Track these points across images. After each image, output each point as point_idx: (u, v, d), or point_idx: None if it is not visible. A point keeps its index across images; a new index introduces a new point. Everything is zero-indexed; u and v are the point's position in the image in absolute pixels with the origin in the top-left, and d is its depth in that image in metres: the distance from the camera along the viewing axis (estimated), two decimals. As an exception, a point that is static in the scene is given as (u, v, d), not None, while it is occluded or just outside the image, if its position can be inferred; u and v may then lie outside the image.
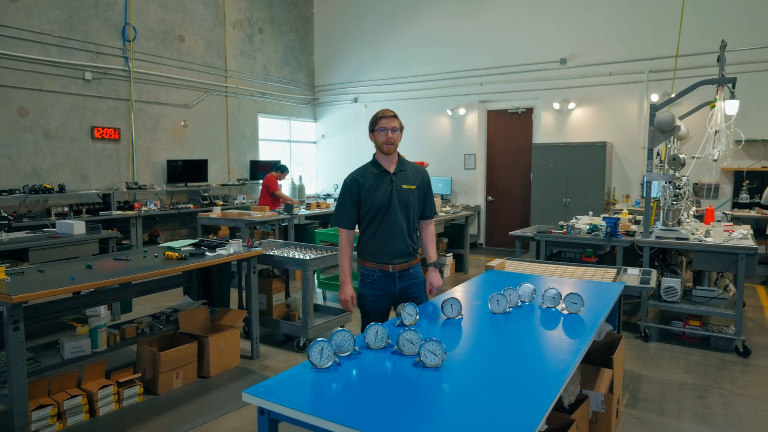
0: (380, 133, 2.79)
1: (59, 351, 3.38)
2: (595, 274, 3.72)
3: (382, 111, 2.82)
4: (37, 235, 4.91)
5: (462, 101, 9.77)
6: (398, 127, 2.82)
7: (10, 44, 6.75)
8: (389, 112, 2.82)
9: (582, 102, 8.67)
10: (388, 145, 2.79)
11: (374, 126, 2.82)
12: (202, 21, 9.12)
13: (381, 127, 2.78)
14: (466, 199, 9.87)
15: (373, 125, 2.83)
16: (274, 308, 4.64)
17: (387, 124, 2.78)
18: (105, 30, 7.74)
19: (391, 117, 2.80)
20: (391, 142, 2.79)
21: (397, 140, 2.82)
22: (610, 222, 4.77)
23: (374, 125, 2.82)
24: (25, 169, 6.99)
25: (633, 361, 4.25)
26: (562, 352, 2.10)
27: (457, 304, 2.55)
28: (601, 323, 2.54)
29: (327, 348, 1.93)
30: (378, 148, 2.84)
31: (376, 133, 2.80)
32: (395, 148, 2.84)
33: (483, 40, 9.43)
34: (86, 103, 7.56)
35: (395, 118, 2.82)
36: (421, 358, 1.93)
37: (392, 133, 2.79)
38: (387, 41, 10.53)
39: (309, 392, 1.74)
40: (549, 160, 8.33)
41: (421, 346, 1.93)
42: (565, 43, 8.68)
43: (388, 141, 2.78)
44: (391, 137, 2.78)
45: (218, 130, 9.56)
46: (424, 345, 1.93)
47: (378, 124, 2.80)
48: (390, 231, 2.81)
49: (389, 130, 2.78)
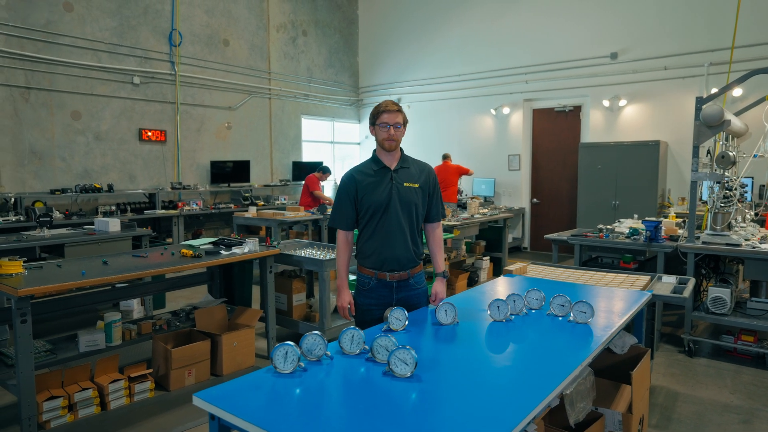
0: (381, 129, 2.54)
1: (77, 344, 3.48)
2: (624, 281, 3.42)
3: (385, 103, 2.55)
4: (75, 232, 5.13)
5: (506, 100, 9.45)
6: (402, 122, 2.55)
7: (65, 51, 7.14)
8: (393, 105, 2.55)
9: (634, 98, 8.16)
10: (389, 142, 2.55)
11: (375, 119, 2.56)
12: (246, 25, 9.32)
13: (383, 122, 2.52)
14: (510, 201, 9.53)
15: (374, 118, 2.56)
16: (294, 308, 4.61)
17: (389, 119, 2.52)
18: (153, 36, 8.05)
19: (394, 111, 2.52)
20: (393, 139, 2.55)
21: (400, 137, 2.58)
22: (651, 225, 4.41)
23: (375, 119, 2.56)
24: (77, 169, 7.37)
25: (671, 378, 3.89)
26: (556, 366, 1.90)
27: (452, 310, 2.39)
28: (611, 335, 2.30)
29: (292, 352, 1.83)
30: (379, 144, 2.61)
31: (377, 127, 2.57)
32: (397, 145, 2.60)
33: (528, 36, 9.08)
34: (134, 107, 7.89)
35: (399, 113, 2.54)
36: (391, 366, 1.79)
37: (394, 130, 2.53)
38: (430, 40, 10.37)
39: (263, 399, 1.64)
40: (597, 161, 7.88)
41: (391, 353, 1.80)
42: (615, 37, 8.20)
43: (389, 138, 2.54)
44: (393, 134, 2.54)
45: (261, 131, 9.73)
46: (394, 353, 1.80)
47: (379, 119, 2.54)
48: (389, 233, 2.58)
49: (392, 126, 2.52)
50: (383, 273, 2.61)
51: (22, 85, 6.80)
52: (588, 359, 2.04)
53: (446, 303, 2.40)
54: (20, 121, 6.81)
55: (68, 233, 5.04)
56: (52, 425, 3.09)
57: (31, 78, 6.87)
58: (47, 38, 6.96)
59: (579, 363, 1.94)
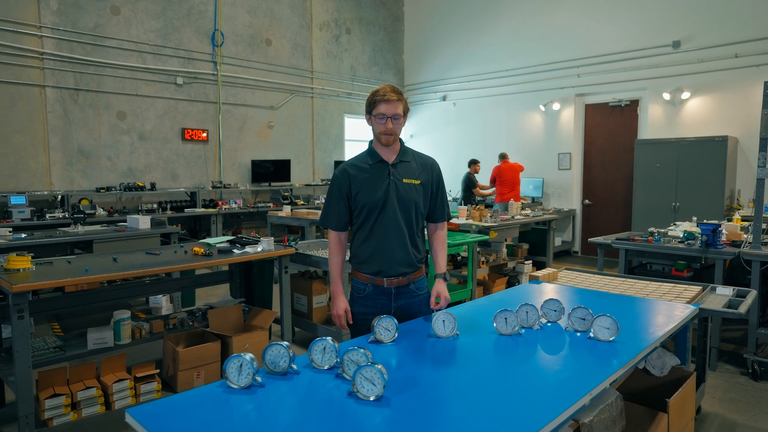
0: (378, 121, 2.23)
1: (86, 341, 3.44)
2: (669, 291, 3.00)
3: (383, 90, 2.20)
4: (106, 229, 5.19)
5: (556, 95, 8.92)
6: (401, 113, 2.22)
7: (112, 54, 7.35)
8: (392, 93, 2.19)
9: (699, 90, 7.45)
10: (386, 137, 2.24)
11: (371, 109, 2.23)
12: (289, 24, 9.30)
13: (379, 114, 2.21)
14: (559, 202, 8.99)
15: (370, 107, 2.24)
16: (314, 311, 4.44)
17: (387, 110, 2.19)
18: (196, 37, 8.16)
19: (393, 101, 2.18)
20: (391, 134, 2.23)
21: (398, 130, 2.26)
22: (708, 229, 3.90)
23: (371, 107, 2.23)
24: (122, 168, 7.56)
25: (729, 404, 3.40)
26: (558, 393, 1.59)
27: (451, 321, 2.10)
28: (640, 356, 1.95)
29: (247, 365, 1.62)
30: (375, 137, 2.31)
31: (374, 118, 2.24)
32: (395, 139, 2.29)
33: (580, 27, 8.52)
34: (177, 107, 8.03)
35: (398, 102, 2.20)
36: (356, 386, 1.54)
37: (392, 122, 2.21)
38: (478, 35, 9.98)
39: (201, 419, 1.44)
40: (655, 159, 7.25)
41: (356, 371, 1.55)
42: (677, 24, 7.52)
43: (386, 131, 2.22)
44: (391, 128, 2.21)
45: (303, 130, 9.69)
46: (359, 371, 1.55)
47: (376, 109, 2.21)
48: (385, 234, 2.30)
49: (390, 118, 2.20)
50: (380, 279, 2.34)
51: (72, 87, 7.04)
52: (605, 383, 1.70)
53: (445, 313, 2.12)
54: (69, 121, 7.06)
55: (99, 230, 5.11)
56: (54, 423, 3.05)
57: (79, 80, 7.11)
58: (95, 41, 7.18)
59: (588, 391, 1.61)
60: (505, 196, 7.93)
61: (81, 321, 4.93)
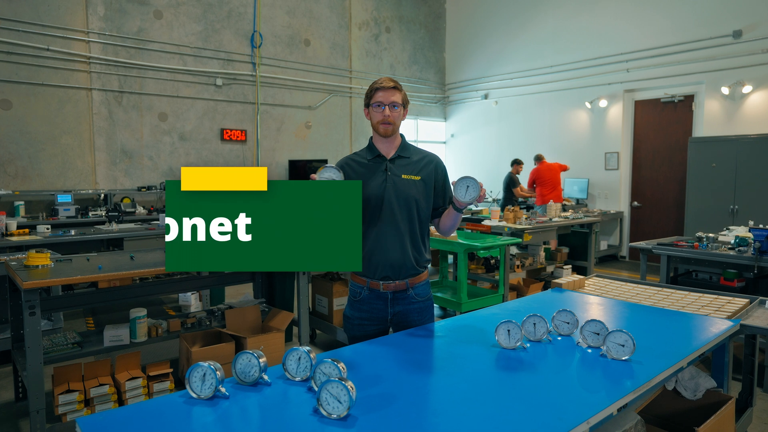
0: (376, 110, 2.14)
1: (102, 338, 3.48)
2: (710, 304, 2.69)
3: (380, 80, 2.16)
4: (138, 227, 5.31)
5: (603, 91, 8.46)
6: (400, 102, 2.14)
7: (154, 57, 7.55)
8: (389, 81, 2.14)
9: (762, 84, 6.86)
10: (385, 126, 2.15)
11: (369, 99, 2.17)
12: (327, 24, 9.29)
13: (377, 102, 2.13)
14: (605, 204, 8.53)
15: (368, 98, 2.18)
16: (335, 313, 4.34)
17: (385, 98, 2.12)
18: (235, 38, 8.27)
19: (390, 89, 2.12)
20: (389, 122, 2.14)
21: (398, 119, 2.16)
22: (761, 235, 3.52)
23: (369, 98, 2.17)
24: (163, 167, 7.76)
25: (783, 431, 3.04)
26: (566, 416, 1.40)
27: (475, 186, 1.97)
28: (661, 377, 1.72)
29: (210, 375, 1.52)
30: (374, 128, 2.21)
31: (371, 108, 2.16)
32: (394, 129, 2.17)
33: (629, 19, 8.05)
34: (217, 107, 8.16)
35: (396, 90, 2.14)
36: (321, 403, 1.41)
37: (391, 110, 2.12)
38: (521, 31, 9.64)
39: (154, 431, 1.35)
40: (712, 158, 6.73)
41: (321, 387, 1.42)
42: (738, 12, 6.95)
43: (384, 120, 2.13)
44: (389, 115, 2.13)
45: (342, 130, 9.66)
46: (325, 386, 1.41)
47: (374, 98, 2.14)
48: (382, 233, 2.15)
49: (387, 106, 2.12)
50: (376, 282, 2.19)
51: (116, 89, 7.28)
52: (610, 409, 1.50)
53: (469, 178, 2.00)
54: (113, 123, 7.30)
55: (131, 228, 5.23)
56: (68, 419, 3.09)
57: (123, 82, 7.34)
58: (138, 44, 7.40)
59: (586, 418, 1.41)
60: (546, 197, 7.58)
61: (114, 316, 5.05)
